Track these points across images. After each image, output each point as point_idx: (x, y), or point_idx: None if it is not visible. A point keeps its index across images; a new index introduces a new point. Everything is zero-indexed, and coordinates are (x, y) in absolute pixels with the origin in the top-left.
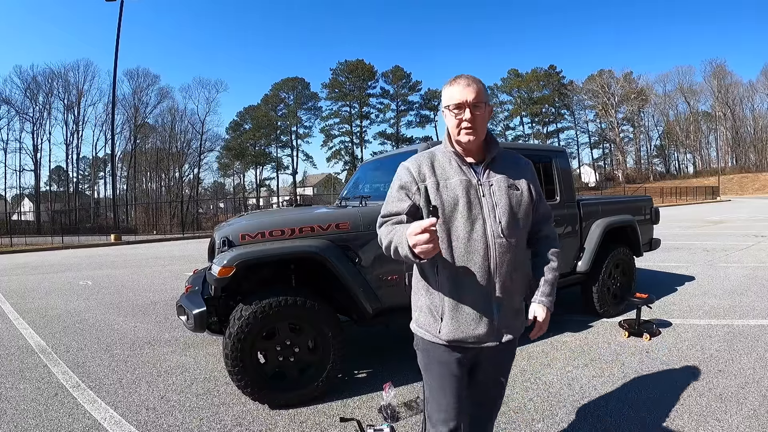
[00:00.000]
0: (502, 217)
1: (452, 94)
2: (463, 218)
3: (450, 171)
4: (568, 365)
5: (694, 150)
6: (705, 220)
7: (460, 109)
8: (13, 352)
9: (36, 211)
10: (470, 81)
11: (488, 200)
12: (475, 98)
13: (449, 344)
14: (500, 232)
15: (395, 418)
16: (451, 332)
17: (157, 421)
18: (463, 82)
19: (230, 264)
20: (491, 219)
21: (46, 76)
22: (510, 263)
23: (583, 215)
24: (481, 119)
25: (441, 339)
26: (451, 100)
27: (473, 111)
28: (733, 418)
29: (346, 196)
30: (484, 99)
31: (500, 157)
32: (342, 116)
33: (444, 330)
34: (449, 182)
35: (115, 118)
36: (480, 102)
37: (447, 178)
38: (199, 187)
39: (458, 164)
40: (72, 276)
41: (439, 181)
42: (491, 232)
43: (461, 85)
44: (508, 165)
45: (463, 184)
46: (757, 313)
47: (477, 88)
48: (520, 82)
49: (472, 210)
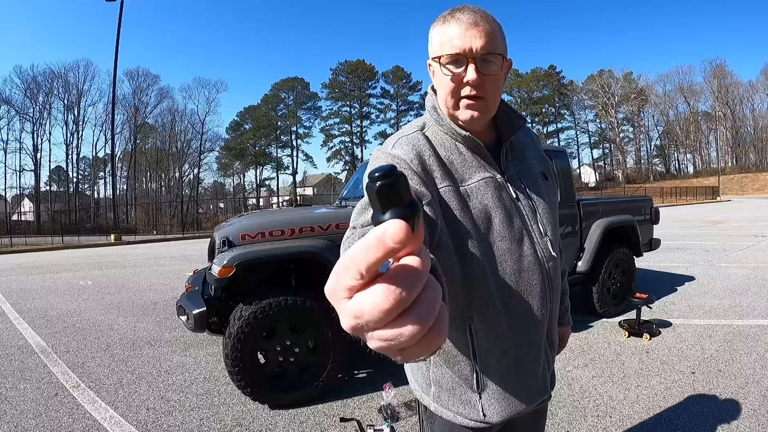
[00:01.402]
0: (548, 225)
1: (449, 37)
2: (504, 241)
3: (463, 166)
4: (568, 365)
5: (694, 150)
6: (705, 220)
7: (459, 63)
8: (13, 352)
9: (36, 211)
10: (478, 17)
11: (525, 203)
12: (485, 44)
13: (497, 424)
14: (549, 248)
15: (395, 418)
16: (506, 408)
17: (157, 421)
18: (467, 18)
19: (230, 264)
20: (536, 233)
21: (46, 76)
22: (557, 290)
23: (583, 215)
24: (494, 83)
25: (488, 421)
26: (445, 47)
27: (481, 68)
28: (733, 418)
29: (346, 196)
30: (499, 48)
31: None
32: (342, 116)
33: (492, 408)
34: (470, 186)
35: (115, 118)
36: (494, 53)
37: (468, 172)
38: (199, 187)
39: (472, 153)
40: (72, 276)
41: (461, 182)
42: (541, 252)
43: (463, 22)
44: (528, 144)
45: (491, 186)
46: (757, 313)
47: (489, 29)
48: (520, 82)
49: (513, 224)
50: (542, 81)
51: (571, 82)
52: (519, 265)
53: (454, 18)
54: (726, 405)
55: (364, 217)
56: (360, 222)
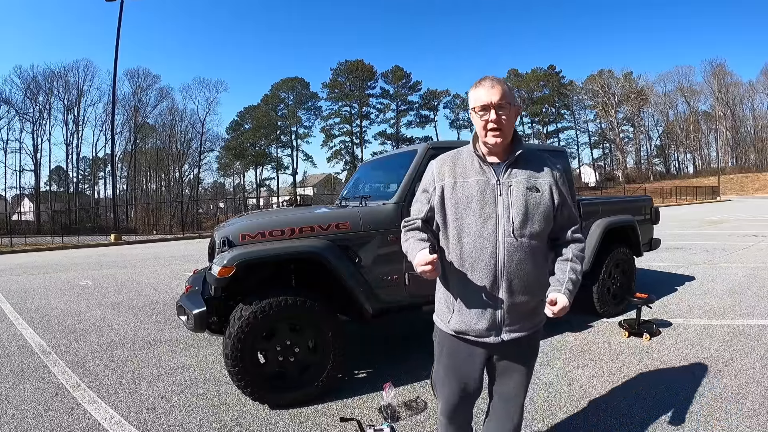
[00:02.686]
0: (516, 217)
1: (478, 96)
2: (474, 215)
3: (470, 170)
4: (568, 365)
5: (694, 150)
6: (705, 220)
7: (486, 110)
8: (13, 352)
9: (36, 211)
10: (495, 83)
11: (505, 200)
12: (499, 99)
13: (456, 335)
14: (512, 231)
15: (395, 418)
16: (457, 324)
17: (157, 421)
18: (488, 84)
19: (230, 264)
20: (504, 218)
21: (46, 76)
22: (520, 263)
23: (583, 215)
24: (507, 120)
25: (449, 329)
26: (477, 102)
27: (498, 112)
28: (733, 418)
29: (346, 196)
30: (508, 100)
31: (524, 158)
32: (342, 116)
33: (453, 321)
34: (466, 181)
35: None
36: (505, 102)
37: (465, 176)
38: (199, 187)
39: (479, 164)
40: (72, 276)
41: (457, 180)
42: (502, 230)
43: (486, 87)
44: (532, 166)
45: (479, 184)
46: (757, 313)
47: (502, 89)
48: (520, 82)
49: (486, 208)
50: (542, 81)
51: (571, 82)
52: (480, 233)
53: (481, 84)
54: (726, 405)
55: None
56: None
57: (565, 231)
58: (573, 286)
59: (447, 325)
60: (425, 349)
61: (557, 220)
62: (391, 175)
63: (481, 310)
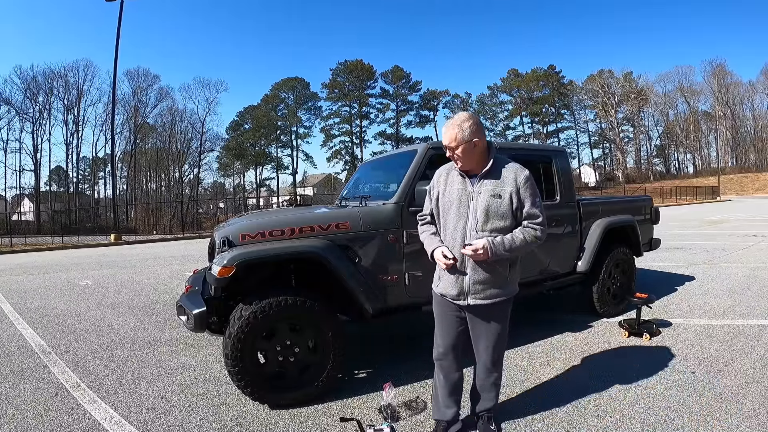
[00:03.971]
0: (480, 217)
1: (443, 138)
2: (454, 216)
3: (455, 181)
4: (568, 365)
5: (694, 150)
6: (705, 220)
7: (446, 149)
8: (13, 352)
9: (36, 211)
10: (447, 128)
11: (473, 204)
12: (449, 143)
13: (441, 296)
14: (476, 227)
15: (395, 418)
16: (440, 289)
17: (157, 421)
18: (445, 129)
19: (230, 264)
20: (473, 217)
21: (46, 76)
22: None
23: (583, 215)
24: (462, 154)
25: (436, 291)
26: (443, 140)
27: (454, 152)
28: (733, 418)
29: (346, 196)
30: (459, 143)
31: (493, 171)
32: (342, 116)
33: (439, 286)
34: (452, 188)
35: (115, 118)
36: (455, 145)
37: (452, 185)
38: (199, 187)
39: (461, 177)
40: (72, 276)
41: (447, 187)
42: (470, 226)
43: (444, 132)
44: (497, 177)
45: (458, 192)
46: (757, 313)
47: (451, 134)
48: (519, 82)
49: (461, 209)
50: (542, 81)
51: (571, 82)
52: (455, 226)
53: (444, 127)
54: (726, 405)
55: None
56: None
57: (524, 221)
58: (502, 240)
59: (436, 288)
60: (425, 350)
61: (517, 218)
62: (391, 175)
63: (454, 280)
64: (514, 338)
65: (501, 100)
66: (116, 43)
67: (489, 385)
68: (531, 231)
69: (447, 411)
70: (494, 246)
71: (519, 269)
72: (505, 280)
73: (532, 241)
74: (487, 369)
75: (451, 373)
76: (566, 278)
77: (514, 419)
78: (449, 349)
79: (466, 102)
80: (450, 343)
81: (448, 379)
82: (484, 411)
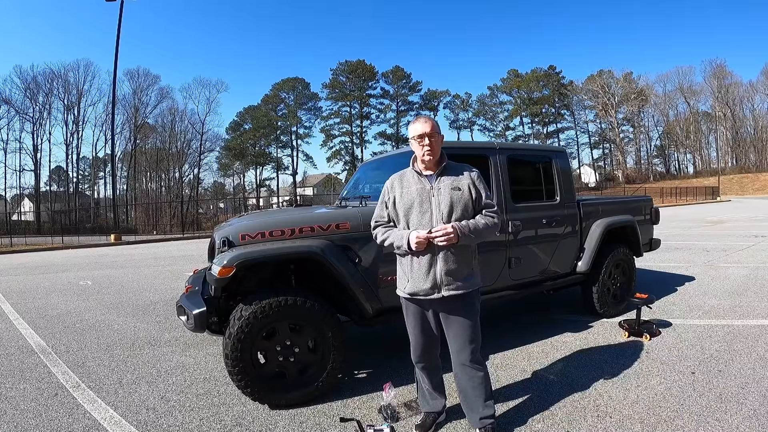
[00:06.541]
0: (444, 209)
1: (416, 129)
2: (417, 212)
3: (412, 182)
4: (568, 365)
5: (694, 150)
6: (705, 220)
7: (422, 138)
8: (13, 352)
9: (36, 211)
10: (426, 119)
11: (436, 199)
12: (431, 130)
13: (410, 297)
14: (441, 218)
15: (395, 418)
16: (411, 287)
17: (157, 421)
18: (422, 119)
19: (230, 264)
20: (437, 211)
21: (46, 76)
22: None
23: (583, 215)
24: (436, 144)
25: (405, 293)
26: (415, 132)
27: (430, 138)
28: (733, 418)
29: (346, 197)
30: (436, 130)
31: (449, 168)
32: (342, 116)
33: (408, 286)
34: (409, 189)
35: (115, 118)
36: (434, 132)
37: (409, 187)
38: (199, 187)
39: (418, 177)
40: (72, 276)
41: (403, 190)
42: (435, 219)
43: (421, 122)
44: (454, 173)
45: (417, 191)
46: (757, 313)
47: (431, 123)
48: (519, 82)
49: (423, 206)
50: (542, 81)
51: (571, 82)
52: (420, 223)
53: (417, 120)
54: (726, 405)
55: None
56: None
57: (482, 210)
58: (467, 223)
59: (404, 290)
60: None
61: (476, 208)
62: (391, 175)
63: (425, 275)
64: (514, 338)
65: (501, 101)
66: (116, 43)
67: (476, 385)
68: (489, 218)
69: (436, 403)
70: (461, 227)
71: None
72: (472, 270)
73: (492, 226)
74: (467, 369)
75: (433, 370)
76: (566, 278)
77: (514, 419)
78: (427, 351)
79: (466, 102)
80: (427, 346)
81: (432, 377)
82: (488, 421)
